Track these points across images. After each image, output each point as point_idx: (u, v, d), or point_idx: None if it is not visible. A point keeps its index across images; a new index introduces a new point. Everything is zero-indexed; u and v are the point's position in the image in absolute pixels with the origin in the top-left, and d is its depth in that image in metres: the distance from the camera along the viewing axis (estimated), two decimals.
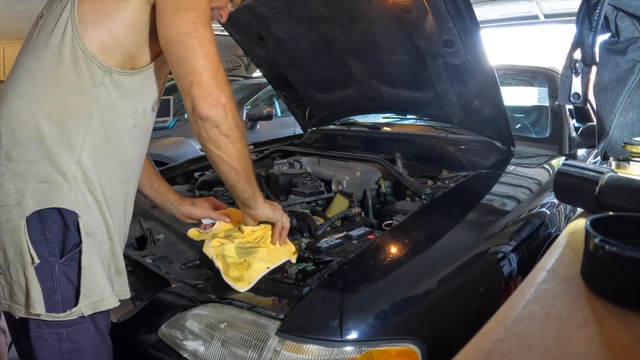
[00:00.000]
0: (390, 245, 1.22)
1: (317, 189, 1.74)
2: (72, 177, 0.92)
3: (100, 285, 0.95)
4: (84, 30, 0.92)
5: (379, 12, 1.69)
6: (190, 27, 0.90)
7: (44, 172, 0.91)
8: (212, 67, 0.91)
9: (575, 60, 1.22)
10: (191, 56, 0.90)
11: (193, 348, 1.07)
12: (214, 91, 0.90)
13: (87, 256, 0.93)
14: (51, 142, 0.91)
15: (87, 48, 0.91)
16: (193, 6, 0.92)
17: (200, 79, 0.90)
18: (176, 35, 0.90)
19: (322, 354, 0.96)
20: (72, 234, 0.92)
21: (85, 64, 0.92)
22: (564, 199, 0.90)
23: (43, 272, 0.91)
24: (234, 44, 2.26)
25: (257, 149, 2.53)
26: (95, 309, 0.94)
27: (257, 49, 2.24)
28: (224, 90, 0.92)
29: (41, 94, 0.92)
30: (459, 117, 1.92)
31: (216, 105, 0.91)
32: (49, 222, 0.91)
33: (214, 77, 0.91)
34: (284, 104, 3.27)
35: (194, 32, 0.90)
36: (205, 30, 0.92)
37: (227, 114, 0.92)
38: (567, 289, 0.52)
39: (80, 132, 0.93)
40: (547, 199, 1.57)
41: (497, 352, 0.41)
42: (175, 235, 1.56)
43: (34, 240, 0.91)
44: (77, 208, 0.92)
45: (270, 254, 1.18)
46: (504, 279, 1.24)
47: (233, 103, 0.94)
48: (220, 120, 0.92)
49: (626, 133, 1.12)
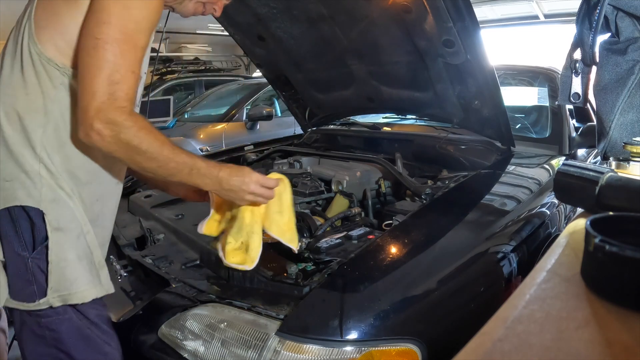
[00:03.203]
0: (390, 245, 1.22)
1: (317, 189, 1.75)
2: (36, 174, 0.95)
3: (68, 279, 0.97)
4: (38, 34, 0.93)
5: (379, 12, 1.69)
6: (91, 42, 0.87)
7: (8, 172, 0.95)
8: (94, 91, 0.86)
9: (575, 60, 1.22)
10: (80, 76, 0.88)
11: (193, 348, 1.07)
12: (86, 118, 0.87)
13: (54, 251, 0.95)
14: (12, 141, 0.95)
15: (42, 52, 0.93)
16: (108, 20, 0.87)
17: (80, 102, 0.88)
18: (79, 48, 0.90)
19: (322, 354, 0.96)
20: (39, 229, 0.95)
21: (42, 67, 0.94)
22: (564, 199, 0.90)
23: (17, 266, 0.96)
24: (234, 44, 2.26)
25: (257, 149, 2.54)
26: (64, 302, 0.97)
27: (257, 49, 2.24)
28: (100, 116, 0.86)
29: (3, 97, 0.96)
30: (459, 117, 1.92)
31: (89, 134, 0.88)
32: (17, 218, 0.95)
33: (91, 102, 0.86)
34: (284, 104, 3.27)
35: (90, 50, 0.87)
36: (107, 49, 0.87)
37: (102, 142, 0.88)
38: (567, 289, 0.52)
39: (39, 132, 0.95)
40: (547, 199, 1.57)
41: (497, 352, 0.41)
42: (175, 235, 1.56)
43: (5, 236, 0.96)
44: (43, 204, 0.95)
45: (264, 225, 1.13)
46: (504, 279, 1.24)
47: (115, 127, 0.87)
48: (97, 147, 0.90)
49: (626, 133, 1.12)
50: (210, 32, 6.89)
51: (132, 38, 0.90)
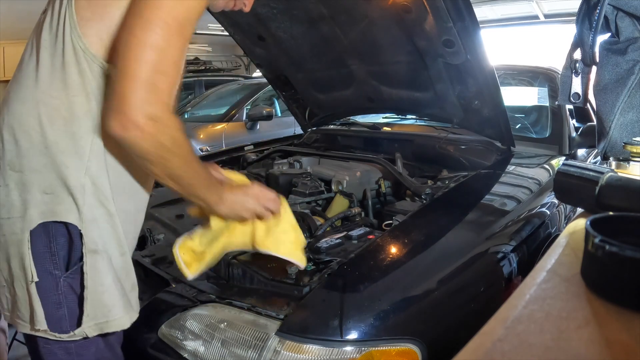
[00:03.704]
0: (390, 245, 1.22)
1: (317, 189, 1.74)
2: (79, 189, 0.85)
3: (106, 305, 0.88)
4: (82, 27, 0.84)
5: (379, 12, 1.69)
6: (141, 24, 0.78)
7: (48, 183, 0.85)
8: (139, 78, 0.76)
9: (575, 60, 1.22)
10: (122, 60, 0.78)
11: (193, 348, 1.07)
12: (127, 108, 0.77)
13: (90, 275, 0.86)
14: (56, 150, 0.84)
15: (87, 47, 0.84)
16: (160, 4, 0.78)
17: (118, 89, 0.78)
18: (123, 30, 0.80)
19: (322, 354, 0.96)
20: (77, 246, 0.87)
21: (87, 64, 0.84)
22: (564, 199, 0.90)
23: (47, 286, 0.86)
24: (234, 44, 2.26)
25: (257, 149, 2.54)
26: (100, 330, 0.89)
27: (257, 49, 2.24)
28: (145, 108, 0.77)
29: (44, 98, 0.85)
30: (459, 117, 1.92)
31: (126, 126, 0.77)
32: (54, 234, 0.86)
33: (135, 91, 0.76)
34: (284, 104, 3.27)
35: (138, 32, 0.78)
36: (159, 34, 0.78)
37: (139, 139, 0.78)
38: (567, 289, 0.52)
39: (88, 139, 0.85)
40: (547, 199, 1.57)
41: (497, 352, 0.41)
42: (175, 235, 1.55)
43: (37, 253, 0.86)
44: (83, 224, 0.86)
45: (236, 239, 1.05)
46: (504, 279, 1.24)
47: (159, 125, 0.79)
48: (129, 144, 0.80)
49: (626, 133, 1.12)
50: (210, 32, 6.88)
51: (182, 27, 0.81)
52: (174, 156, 0.83)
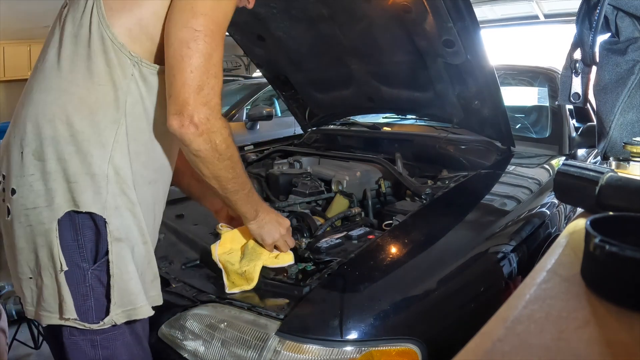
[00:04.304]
0: (390, 245, 1.22)
1: (317, 189, 1.74)
2: (103, 177, 0.87)
3: (132, 292, 0.90)
4: (110, 17, 0.87)
5: (379, 12, 1.69)
6: (190, 34, 0.84)
7: (72, 171, 0.86)
8: (194, 84, 0.84)
9: (575, 60, 1.22)
10: (177, 68, 0.84)
11: (193, 348, 1.07)
12: (186, 110, 0.85)
13: (116, 263, 0.88)
14: (81, 138, 0.86)
15: (115, 37, 0.86)
16: (204, 11, 0.85)
17: (176, 94, 0.85)
18: (173, 39, 0.85)
19: (322, 354, 0.96)
20: (104, 238, 0.88)
21: (114, 53, 0.87)
22: (564, 199, 0.90)
23: (75, 279, 0.88)
24: (234, 44, 2.26)
25: (257, 149, 2.54)
26: (128, 317, 0.90)
27: (257, 49, 2.24)
28: (200, 109, 0.85)
29: (70, 87, 0.87)
30: (459, 117, 1.92)
31: (185, 125, 0.85)
32: (80, 227, 0.87)
33: (192, 95, 0.84)
34: (284, 104, 3.27)
35: (190, 43, 0.84)
36: (207, 42, 0.85)
37: (196, 136, 0.86)
38: (567, 289, 0.52)
39: (113, 128, 0.88)
40: (547, 199, 1.57)
41: (497, 352, 0.41)
42: (175, 235, 1.56)
43: (65, 245, 0.87)
44: (106, 212, 0.87)
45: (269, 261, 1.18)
46: (504, 279, 1.24)
47: (212, 123, 0.87)
48: (187, 141, 0.87)
49: (626, 133, 1.12)
50: None
51: (222, 30, 0.88)
52: (224, 158, 0.91)
